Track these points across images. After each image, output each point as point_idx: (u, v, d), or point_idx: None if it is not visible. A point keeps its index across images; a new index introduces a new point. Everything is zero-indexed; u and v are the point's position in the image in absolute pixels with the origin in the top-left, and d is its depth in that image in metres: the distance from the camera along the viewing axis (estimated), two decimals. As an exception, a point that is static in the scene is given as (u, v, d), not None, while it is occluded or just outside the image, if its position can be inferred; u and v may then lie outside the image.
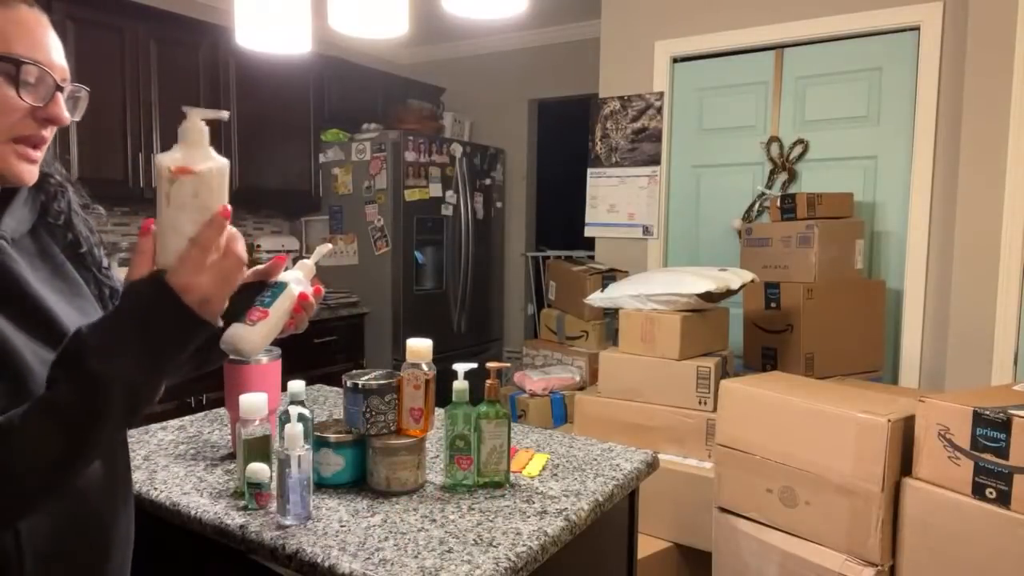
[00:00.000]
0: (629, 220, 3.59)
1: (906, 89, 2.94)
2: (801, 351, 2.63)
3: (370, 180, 3.90)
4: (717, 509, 2.08)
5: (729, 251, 3.25)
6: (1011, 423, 1.51)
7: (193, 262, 0.72)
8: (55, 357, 0.70)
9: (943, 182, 2.83)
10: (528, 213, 4.86)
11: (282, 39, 1.46)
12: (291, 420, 1.14)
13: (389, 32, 1.45)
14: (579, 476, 1.34)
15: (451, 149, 4.17)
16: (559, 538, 1.11)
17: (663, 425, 2.41)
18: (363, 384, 1.24)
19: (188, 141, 0.74)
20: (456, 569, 0.98)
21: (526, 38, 4.64)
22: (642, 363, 2.46)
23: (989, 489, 1.55)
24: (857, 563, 1.75)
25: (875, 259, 3.05)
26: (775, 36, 3.16)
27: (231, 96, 3.50)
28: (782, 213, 2.83)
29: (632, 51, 3.53)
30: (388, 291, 3.90)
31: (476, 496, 1.24)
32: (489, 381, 1.30)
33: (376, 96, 4.37)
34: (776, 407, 1.92)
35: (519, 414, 3.04)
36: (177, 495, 1.22)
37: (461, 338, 4.33)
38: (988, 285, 2.61)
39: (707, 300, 2.45)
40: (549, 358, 3.30)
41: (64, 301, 0.84)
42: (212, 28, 3.38)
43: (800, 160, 3.17)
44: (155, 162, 0.74)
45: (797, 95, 3.18)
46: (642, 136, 3.52)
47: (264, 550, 1.07)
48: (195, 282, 0.71)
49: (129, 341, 0.70)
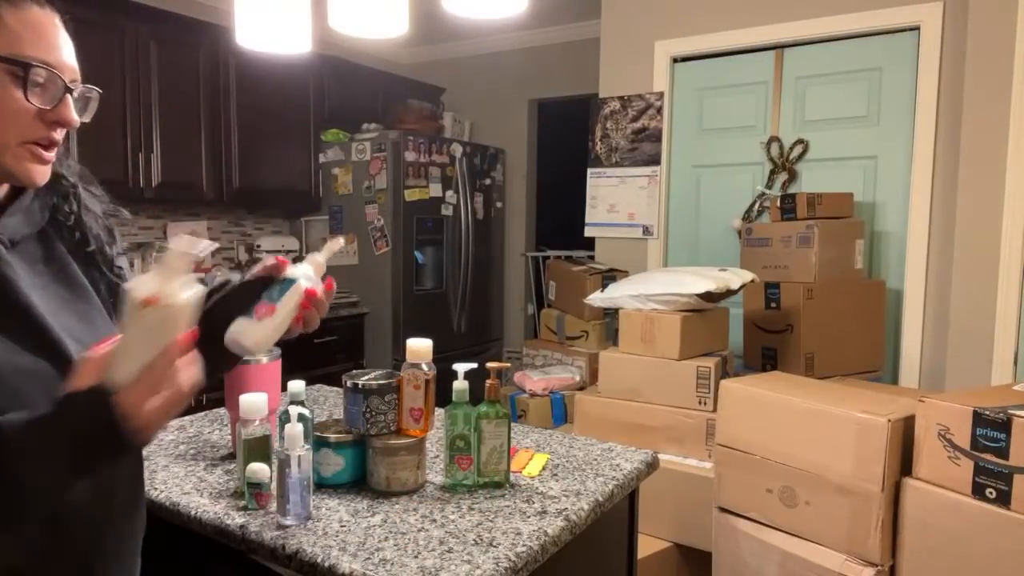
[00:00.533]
0: (629, 220, 3.59)
1: (906, 89, 2.94)
2: (801, 351, 2.63)
3: (370, 180, 3.90)
4: (717, 509, 2.08)
5: (729, 251, 3.25)
6: (1011, 423, 1.51)
7: (141, 390, 0.70)
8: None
9: (943, 182, 2.83)
10: (528, 213, 4.86)
11: (282, 39, 1.46)
12: (291, 420, 1.14)
13: (389, 32, 1.45)
14: (579, 476, 1.34)
15: (451, 149, 4.17)
16: (559, 538, 1.11)
17: (663, 425, 2.41)
18: (363, 384, 1.23)
19: (164, 271, 0.73)
20: (456, 569, 0.98)
21: (526, 38, 4.64)
22: (642, 363, 2.46)
23: (989, 489, 1.55)
24: (857, 563, 1.75)
25: (875, 259, 3.05)
26: (775, 36, 3.16)
27: (231, 96, 3.50)
28: (782, 213, 2.83)
29: (632, 51, 3.53)
30: (388, 291, 3.90)
31: (476, 496, 1.24)
32: (489, 381, 1.30)
33: (376, 96, 4.37)
34: (776, 407, 1.92)
35: (519, 414, 3.04)
36: (177, 495, 1.22)
37: (461, 338, 4.33)
38: (988, 285, 2.61)
39: (707, 300, 2.45)
40: (549, 358, 3.30)
41: (64, 308, 0.83)
42: (212, 28, 3.38)
43: (800, 160, 3.17)
44: (128, 286, 0.73)
45: (797, 95, 3.18)
46: (642, 136, 3.52)
47: (264, 550, 1.07)
48: (139, 411, 0.69)
49: (52, 452, 0.69)
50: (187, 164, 3.34)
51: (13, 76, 0.75)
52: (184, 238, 0.76)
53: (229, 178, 3.52)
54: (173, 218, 3.65)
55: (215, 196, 3.47)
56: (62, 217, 0.87)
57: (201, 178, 3.40)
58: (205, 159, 3.41)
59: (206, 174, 3.42)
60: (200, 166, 3.39)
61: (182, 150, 3.31)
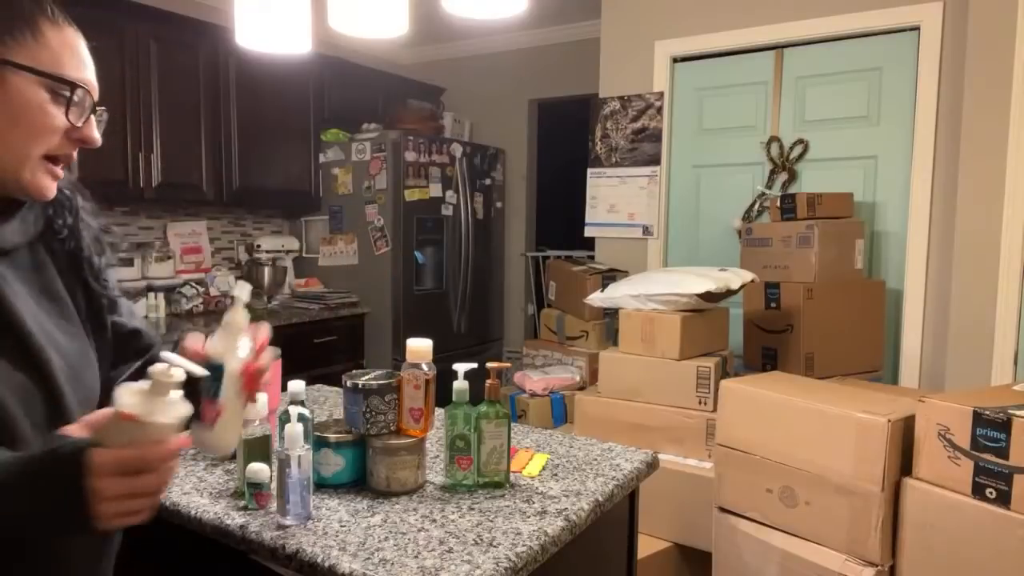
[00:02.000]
0: (629, 220, 3.59)
1: (906, 89, 2.94)
2: (801, 351, 2.63)
3: (370, 180, 3.90)
4: (717, 509, 2.08)
5: (729, 251, 3.25)
6: (1011, 423, 1.51)
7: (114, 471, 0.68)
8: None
9: (943, 182, 2.83)
10: (528, 213, 4.86)
11: (282, 39, 1.46)
12: (291, 420, 1.14)
13: (389, 32, 1.45)
14: (579, 476, 1.34)
15: (451, 149, 4.17)
16: (559, 538, 1.11)
17: (663, 425, 2.41)
18: (363, 384, 1.23)
19: (152, 388, 0.71)
20: (456, 569, 0.98)
21: (526, 38, 4.63)
22: (642, 363, 2.46)
23: (989, 489, 1.55)
24: (857, 563, 1.75)
25: (875, 259, 3.05)
26: (775, 36, 3.16)
27: (231, 96, 3.50)
28: (782, 213, 2.83)
29: (632, 51, 3.53)
30: (388, 291, 3.90)
31: (476, 496, 1.24)
32: (489, 381, 1.30)
33: (376, 96, 4.37)
34: (776, 407, 1.92)
35: (519, 414, 3.04)
36: (177, 495, 1.22)
37: (461, 338, 4.33)
38: (988, 285, 2.61)
39: (707, 300, 2.45)
40: (549, 358, 3.30)
41: (48, 319, 0.83)
42: (212, 28, 3.38)
43: (800, 160, 3.17)
44: (115, 391, 0.71)
45: (797, 95, 3.18)
46: (642, 136, 3.52)
47: (264, 550, 1.07)
48: (105, 487, 0.67)
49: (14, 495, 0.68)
50: (187, 164, 3.34)
51: (54, 94, 0.78)
52: (174, 359, 0.73)
53: (229, 178, 3.52)
54: (173, 218, 3.65)
55: (215, 196, 3.47)
56: (56, 228, 0.88)
57: (201, 178, 3.40)
58: (205, 159, 3.41)
59: (206, 174, 3.42)
60: (200, 166, 3.39)
61: (182, 150, 3.31)
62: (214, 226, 3.87)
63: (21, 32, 0.76)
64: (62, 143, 0.80)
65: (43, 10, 0.78)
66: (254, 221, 4.11)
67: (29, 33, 0.76)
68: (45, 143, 0.78)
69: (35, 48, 0.76)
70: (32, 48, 0.76)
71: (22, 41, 0.76)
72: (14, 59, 0.75)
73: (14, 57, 0.75)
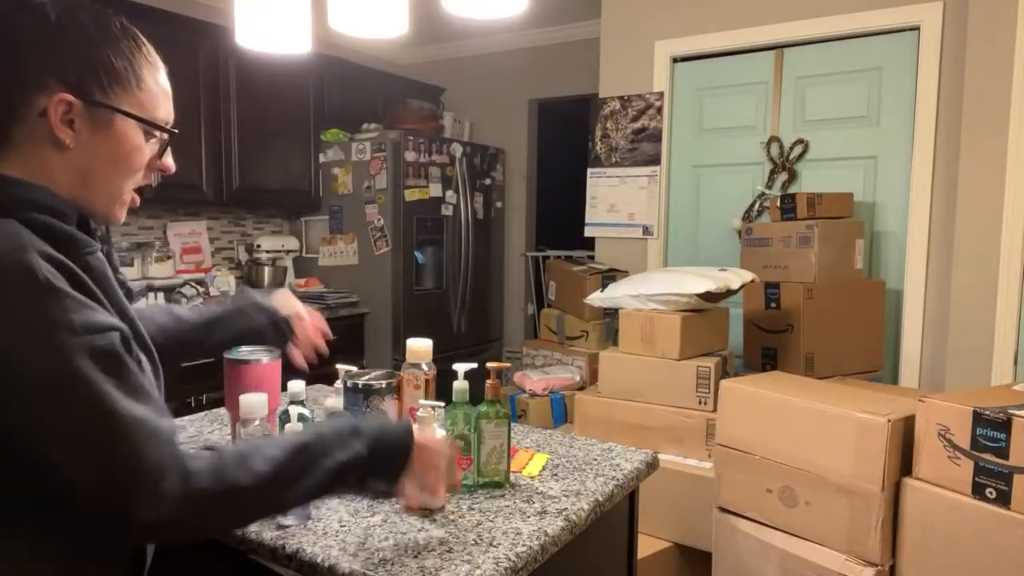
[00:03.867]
0: (629, 220, 3.59)
1: (906, 89, 2.94)
2: (801, 351, 2.63)
3: (370, 180, 3.90)
4: (717, 509, 2.08)
5: (729, 251, 3.25)
6: (1011, 423, 1.51)
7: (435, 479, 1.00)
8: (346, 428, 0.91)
9: (943, 182, 2.83)
10: (528, 213, 4.86)
11: (282, 39, 1.46)
12: (291, 420, 1.14)
13: (389, 32, 1.45)
14: (579, 476, 1.34)
15: (451, 149, 4.17)
16: (559, 538, 1.11)
17: (663, 425, 2.41)
18: (363, 384, 1.23)
19: (423, 420, 1.12)
20: (456, 569, 0.98)
21: (526, 38, 4.63)
22: (642, 363, 2.46)
23: (989, 489, 1.55)
24: (857, 563, 1.75)
25: (875, 259, 3.05)
26: (775, 36, 3.16)
27: (231, 96, 3.50)
28: (782, 213, 2.83)
29: (632, 51, 3.53)
30: (388, 291, 3.90)
31: (476, 496, 1.24)
32: (490, 381, 1.29)
33: (376, 96, 4.37)
34: (776, 407, 1.92)
35: (519, 414, 3.04)
36: (177, 495, 1.22)
37: (461, 338, 4.33)
38: (988, 285, 2.61)
39: (707, 300, 2.45)
40: (549, 358, 3.30)
41: None
42: (212, 28, 3.38)
43: (800, 160, 3.17)
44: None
45: (797, 95, 3.18)
46: (642, 136, 3.52)
47: (264, 550, 1.07)
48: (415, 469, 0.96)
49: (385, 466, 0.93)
50: (187, 164, 3.34)
51: (148, 135, 0.86)
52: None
53: (229, 178, 3.52)
54: (173, 218, 3.65)
55: (215, 196, 3.47)
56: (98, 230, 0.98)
57: (201, 178, 3.40)
58: (205, 159, 3.41)
59: (206, 174, 3.42)
60: (200, 166, 3.39)
61: (182, 150, 3.28)
62: (214, 226, 3.87)
63: (128, 79, 0.83)
64: (146, 176, 0.89)
65: (143, 53, 0.86)
66: (254, 221, 4.11)
67: (134, 80, 0.84)
68: (137, 180, 0.87)
69: (137, 94, 0.84)
70: (135, 94, 0.84)
71: (128, 88, 0.83)
72: (121, 106, 0.83)
73: (121, 104, 0.83)
